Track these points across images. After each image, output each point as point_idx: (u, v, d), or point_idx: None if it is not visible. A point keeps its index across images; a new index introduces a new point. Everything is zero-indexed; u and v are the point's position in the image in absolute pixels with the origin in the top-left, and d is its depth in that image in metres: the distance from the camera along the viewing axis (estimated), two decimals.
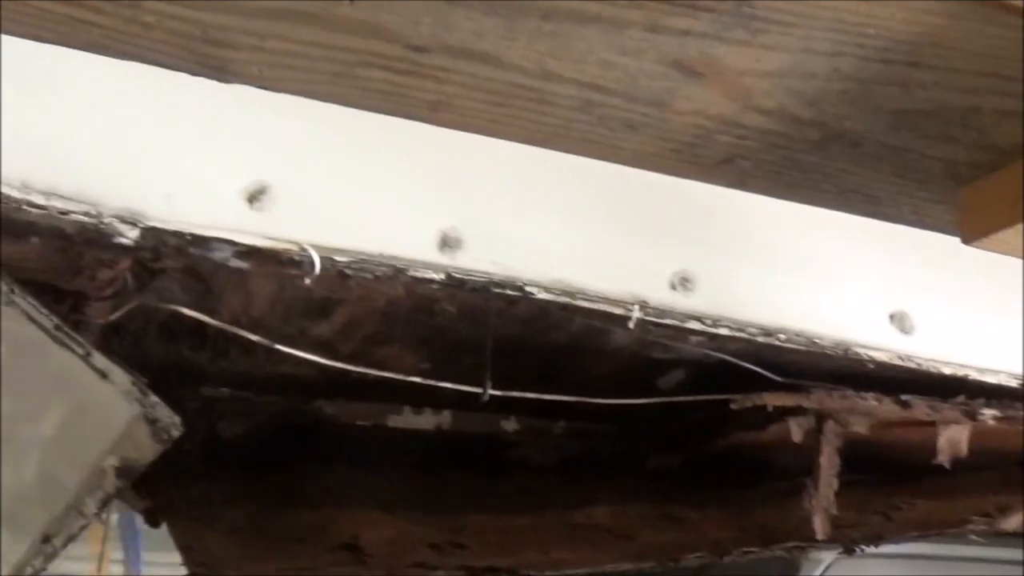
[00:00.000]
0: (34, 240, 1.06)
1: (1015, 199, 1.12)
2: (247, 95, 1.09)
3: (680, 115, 1.09)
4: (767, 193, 1.25)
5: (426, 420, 1.59)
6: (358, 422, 1.56)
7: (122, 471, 1.15)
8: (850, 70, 1.01)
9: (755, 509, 1.54)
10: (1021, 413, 1.42)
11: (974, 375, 1.40)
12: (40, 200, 1.03)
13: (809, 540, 1.43)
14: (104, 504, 1.18)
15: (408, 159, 1.16)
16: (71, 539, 1.16)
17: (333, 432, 1.55)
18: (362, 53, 1.00)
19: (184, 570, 1.39)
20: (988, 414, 1.43)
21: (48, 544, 1.14)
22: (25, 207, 1.02)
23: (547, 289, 1.21)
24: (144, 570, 3.97)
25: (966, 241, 1.18)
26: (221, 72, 1.03)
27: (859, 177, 1.20)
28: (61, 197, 1.03)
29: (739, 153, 1.16)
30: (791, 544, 1.50)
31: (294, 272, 1.12)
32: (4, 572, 1.09)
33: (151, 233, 1.06)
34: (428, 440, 1.58)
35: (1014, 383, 1.40)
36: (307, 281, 1.13)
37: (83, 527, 1.17)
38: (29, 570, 1.10)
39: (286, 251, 1.11)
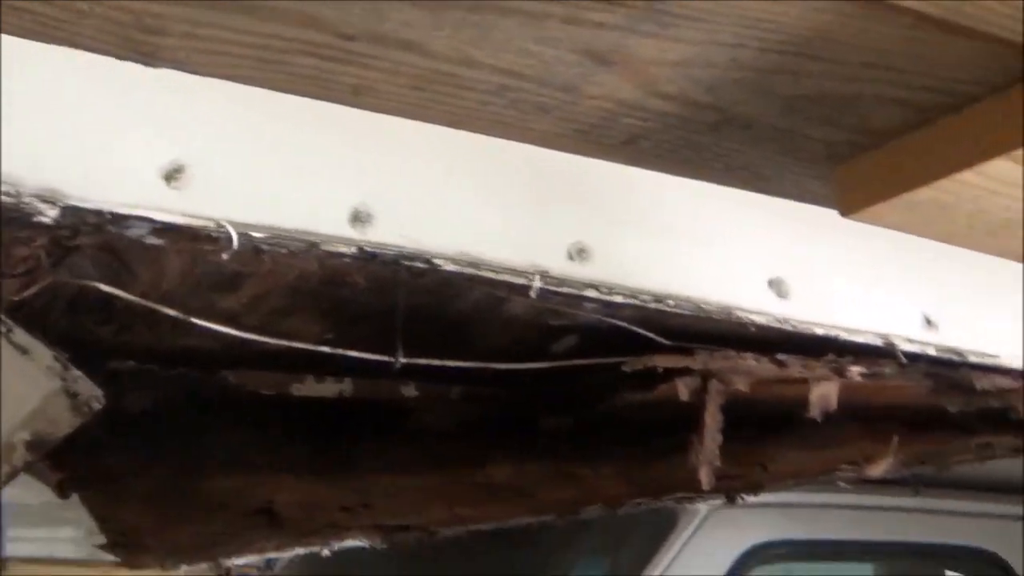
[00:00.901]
0: None
1: (887, 177, 1.23)
2: (169, 78, 1.11)
3: (589, 99, 1.16)
4: (663, 170, 1.33)
5: (328, 388, 1.63)
6: (263, 391, 1.59)
7: (33, 444, 1.17)
8: (747, 60, 1.09)
9: (646, 465, 1.62)
10: (884, 370, 1.54)
11: (843, 335, 1.50)
12: None
13: (695, 491, 1.53)
14: (10, 478, 1.19)
15: (325, 140, 1.20)
16: None
17: (239, 402, 1.58)
18: (292, 41, 1.04)
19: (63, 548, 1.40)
20: (855, 371, 1.53)
21: None
22: None
23: (453, 261, 1.26)
24: (9, 547, 3.88)
25: (843, 213, 1.28)
26: (151, 58, 1.05)
27: (748, 156, 1.29)
28: None
29: (640, 134, 1.24)
30: (679, 495, 1.60)
31: (210, 248, 1.15)
32: None
33: (70, 212, 1.07)
34: (332, 407, 1.62)
35: (879, 342, 1.52)
36: (224, 256, 1.16)
37: None
38: None
39: (203, 228, 1.13)
